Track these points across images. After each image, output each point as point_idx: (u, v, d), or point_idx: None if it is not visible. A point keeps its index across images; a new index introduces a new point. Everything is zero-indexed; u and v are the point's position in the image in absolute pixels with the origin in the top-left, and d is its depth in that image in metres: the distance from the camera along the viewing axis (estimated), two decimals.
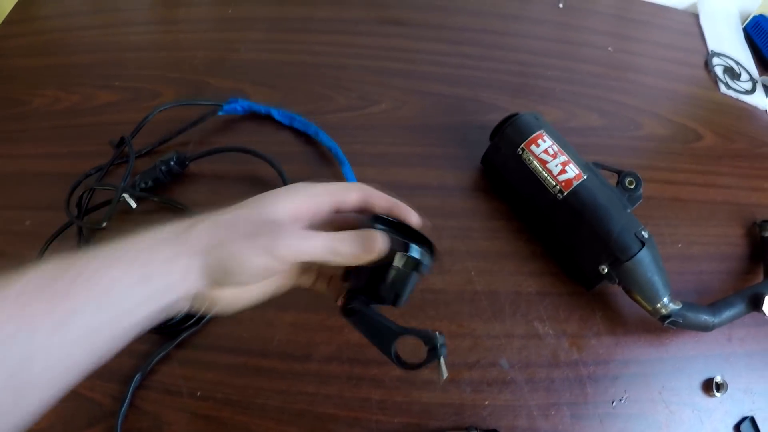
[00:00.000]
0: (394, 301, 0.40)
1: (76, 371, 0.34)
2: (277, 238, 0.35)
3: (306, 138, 0.75)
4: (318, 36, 0.87)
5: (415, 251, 0.39)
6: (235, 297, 0.39)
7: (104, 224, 0.60)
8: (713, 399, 0.59)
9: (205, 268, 0.35)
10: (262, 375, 0.58)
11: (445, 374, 0.38)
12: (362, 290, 0.40)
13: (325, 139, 0.72)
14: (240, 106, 0.75)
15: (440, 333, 0.39)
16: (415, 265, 0.39)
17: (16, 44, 0.90)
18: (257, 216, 0.37)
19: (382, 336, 0.39)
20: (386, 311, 0.41)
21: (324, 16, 0.90)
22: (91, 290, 0.33)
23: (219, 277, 0.36)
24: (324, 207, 0.40)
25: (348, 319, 0.40)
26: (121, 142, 0.72)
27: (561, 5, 0.91)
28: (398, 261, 0.39)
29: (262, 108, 0.75)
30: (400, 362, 0.39)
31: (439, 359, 0.38)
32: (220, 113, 0.75)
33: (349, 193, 0.41)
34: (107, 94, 0.81)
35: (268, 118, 0.76)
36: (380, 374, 0.58)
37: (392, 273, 0.39)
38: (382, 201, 0.42)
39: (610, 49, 0.86)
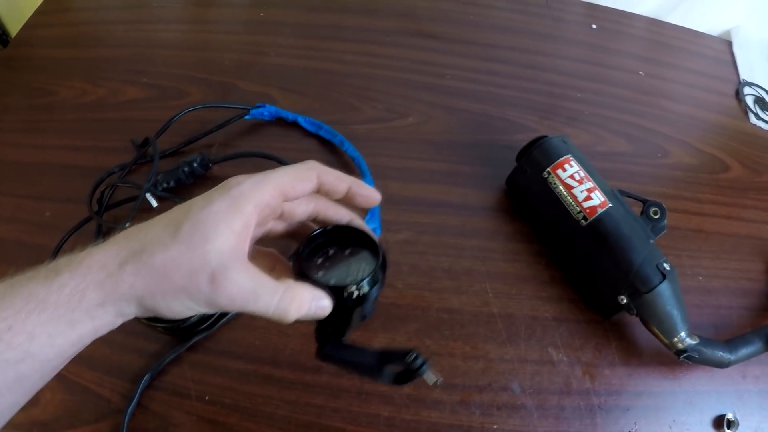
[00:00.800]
0: (362, 320, 0.39)
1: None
2: (217, 292, 0.32)
3: (331, 147, 0.75)
4: (348, 45, 0.87)
5: (362, 286, 0.37)
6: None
7: (127, 225, 0.60)
8: None
9: (140, 310, 0.33)
10: (272, 384, 0.58)
11: (433, 380, 0.38)
12: (328, 324, 0.38)
13: (350, 149, 0.72)
14: (267, 111, 0.75)
15: (417, 354, 0.38)
16: (364, 296, 0.37)
17: (47, 34, 0.91)
18: (195, 261, 0.32)
19: (366, 368, 0.39)
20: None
21: (355, 24, 0.90)
22: (11, 342, 0.30)
23: (154, 314, 0.34)
24: (272, 212, 0.38)
25: (327, 362, 0.39)
26: (145, 142, 0.72)
27: (594, 26, 0.90)
28: (347, 298, 0.37)
29: (289, 115, 0.76)
30: (392, 383, 0.39)
31: (422, 375, 0.38)
32: (246, 117, 0.75)
33: (302, 184, 0.37)
34: (134, 90, 0.82)
35: (294, 125, 0.76)
36: (390, 391, 0.58)
37: (348, 307, 0.37)
38: (335, 181, 0.39)
39: (641, 73, 0.85)
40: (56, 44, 0.89)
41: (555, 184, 0.62)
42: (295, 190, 0.36)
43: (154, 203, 0.67)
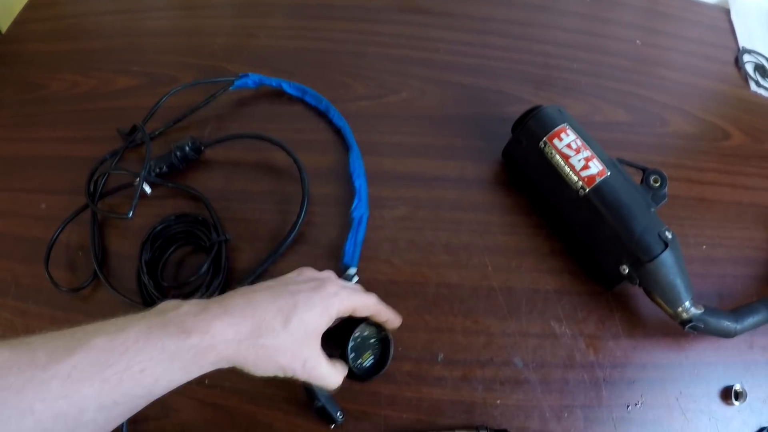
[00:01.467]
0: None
1: None
2: (308, 375, 0.44)
3: (317, 113, 0.75)
4: (338, 23, 0.86)
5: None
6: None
7: (130, 214, 0.60)
8: (731, 408, 0.57)
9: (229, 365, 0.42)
10: None
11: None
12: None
13: (335, 116, 0.71)
14: (251, 80, 0.75)
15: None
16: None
17: (36, 29, 0.90)
18: (297, 352, 0.43)
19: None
20: None
21: (345, 3, 0.89)
22: (140, 382, 0.36)
23: (246, 367, 0.42)
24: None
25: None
26: (133, 129, 0.71)
27: None
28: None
29: (273, 81, 0.75)
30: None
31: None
32: (231, 88, 0.75)
33: (360, 310, 0.49)
34: (125, 79, 0.81)
35: (280, 95, 0.76)
36: (391, 369, 0.56)
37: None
38: (382, 314, 0.51)
39: (638, 42, 0.84)
40: (46, 38, 0.89)
41: (552, 154, 0.61)
42: (360, 313, 0.49)
43: (148, 190, 0.67)
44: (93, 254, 0.64)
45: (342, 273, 0.60)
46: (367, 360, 0.51)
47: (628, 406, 0.56)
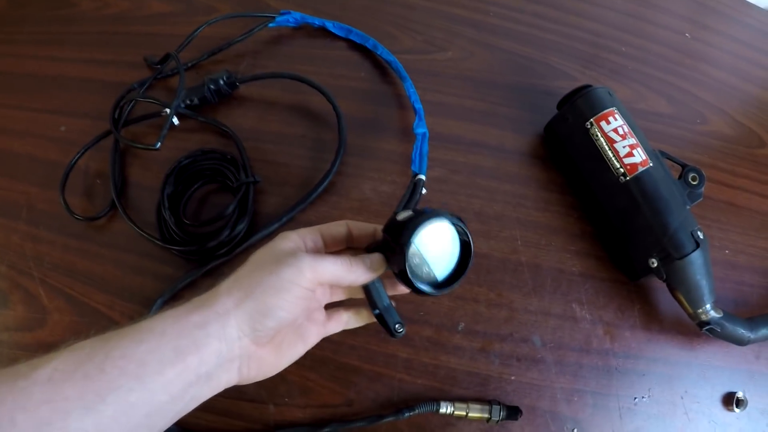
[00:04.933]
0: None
1: None
2: (296, 264, 0.39)
3: (363, 51, 0.73)
4: None
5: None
6: (276, 357, 0.42)
7: (158, 145, 0.57)
8: (731, 414, 0.57)
9: (241, 322, 0.38)
10: None
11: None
12: None
13: (384, 52, 0.69)
14: (293, 18, 0.72)
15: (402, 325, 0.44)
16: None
17: None
18: (272, 258, 0.40)
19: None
20: None
21: None
22: (123, 369, 0.33)
23: (257, 322, 0.38)
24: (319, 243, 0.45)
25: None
26: (165, 58, 0.68)
27: None
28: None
29: (316, 20, 0.72)
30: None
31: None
32: (271, 25, 0.72)
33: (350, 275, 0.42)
34: (159, 4, 0.78)
35: (322, 32, 0.73)
36: (410, 332, 0.56)
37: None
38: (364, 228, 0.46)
39: (687, 35, 0.82)
40: None
41: (597, 136, 0.59)
42: (344, 280, 0.42)
43: (176, 121, 0.64)
44: (112, 183, 0.62)
45: (412, 178, 0.57)
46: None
47: (635, 398, 0.57)
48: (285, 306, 0.38)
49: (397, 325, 0.43)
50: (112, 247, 0.61)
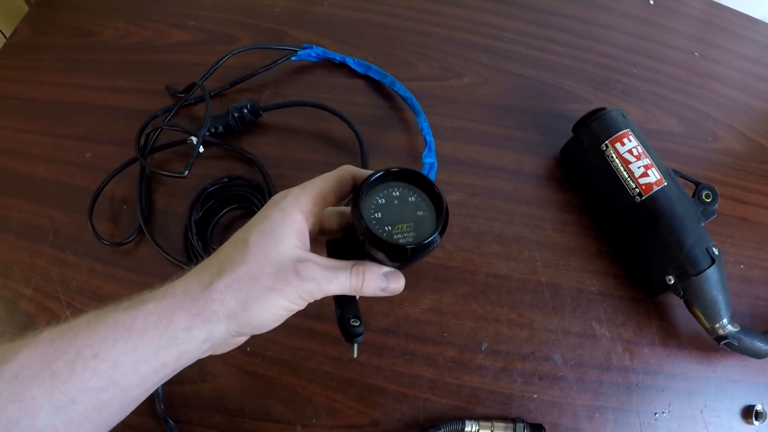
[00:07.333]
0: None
1: None
2: (303, 280, 0.35)
3: (380, 88, 0.74)
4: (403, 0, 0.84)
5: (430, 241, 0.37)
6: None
7: (186, 173, 0.58)
8: (751, 427, 0.58)
9: (230, 328, 0.35)
10: (316, 338, 0.58)
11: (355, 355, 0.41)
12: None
13: (401, 89, 0.70)
14: (314, 52, 0.74)
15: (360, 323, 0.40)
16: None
17: None
18: (275, 262, 0.35)
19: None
20: None
21: None
22: (95, 370, 0.31)
23: (247, 329, 0.36)
24: (317, 217, 0.40)
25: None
26: (190, 87, 0.70)
27: (651, 1, 0.88)
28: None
29: (337, 56, 0.74)
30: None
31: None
32: (293, 59, 0.73)
33: (339, 187, 0.40)
34: (181, 33, 0.80)
35: (342, 67, 0.75)
36: (435, 353, 0.57)
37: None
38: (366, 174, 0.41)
39: (696, 54, 0.83)
40: None
41: (612, 157, 0.61)
42: (334, 194, 0.40)
43: (201, 149, 0.65)
44: (139, 209, 0.63)
45: None
46: (405, 232, 0.37)
47: (655, 414, 0.57)
48: (279, 321, 0.37)
49: (353, 320, 0.39)
50: (139, 272, 0.62)
